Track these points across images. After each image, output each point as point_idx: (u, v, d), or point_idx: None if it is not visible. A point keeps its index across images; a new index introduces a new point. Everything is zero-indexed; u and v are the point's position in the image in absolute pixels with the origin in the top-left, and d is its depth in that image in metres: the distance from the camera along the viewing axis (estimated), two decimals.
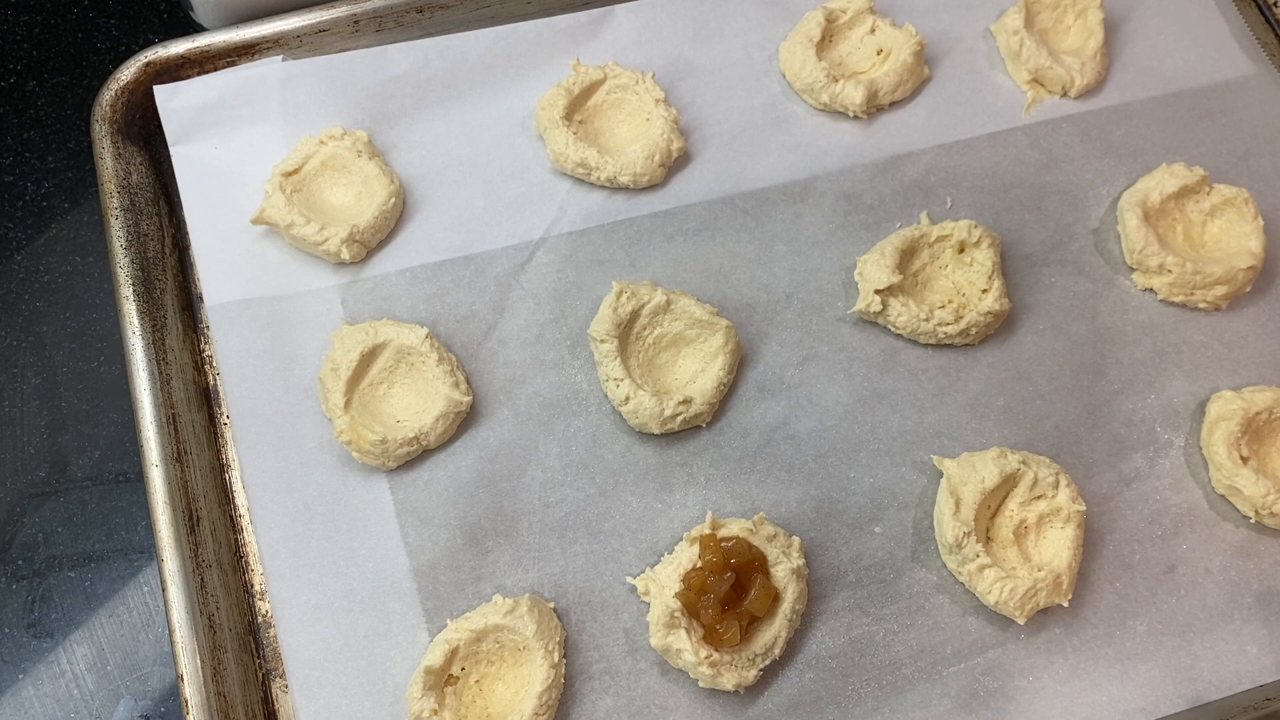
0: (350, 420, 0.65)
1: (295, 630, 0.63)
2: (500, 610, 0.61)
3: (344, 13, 0.78)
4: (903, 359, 0.72)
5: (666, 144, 0.75)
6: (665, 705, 0.62)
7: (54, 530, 0.71)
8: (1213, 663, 0.65)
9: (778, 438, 0.70)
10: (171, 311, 0.72)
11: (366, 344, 0.67)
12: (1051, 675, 0.64)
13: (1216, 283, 0.73)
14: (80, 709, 0.66)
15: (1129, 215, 0.76)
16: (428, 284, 0.72)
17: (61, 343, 0.76)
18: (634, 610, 0.65)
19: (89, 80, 0.84)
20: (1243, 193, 0.76)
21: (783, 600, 0.62)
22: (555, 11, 0.81)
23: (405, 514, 0.66)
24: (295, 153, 0.73)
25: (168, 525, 0.64)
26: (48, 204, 0.81)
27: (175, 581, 0.62)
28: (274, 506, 0.65)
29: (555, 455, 0.68)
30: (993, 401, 0.72)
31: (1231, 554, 0.68)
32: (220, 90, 0.75)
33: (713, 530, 0.63)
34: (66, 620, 0.68)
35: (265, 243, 0.72)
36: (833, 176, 0.77)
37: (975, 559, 0.63)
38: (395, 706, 0.61)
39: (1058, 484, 0.66)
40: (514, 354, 0.71)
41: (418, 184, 0.75)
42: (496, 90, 0.78)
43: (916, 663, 0.64)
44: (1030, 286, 0.75)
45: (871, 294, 0.71)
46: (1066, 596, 0.64)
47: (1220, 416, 0.70)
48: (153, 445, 0.66)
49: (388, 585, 0.64)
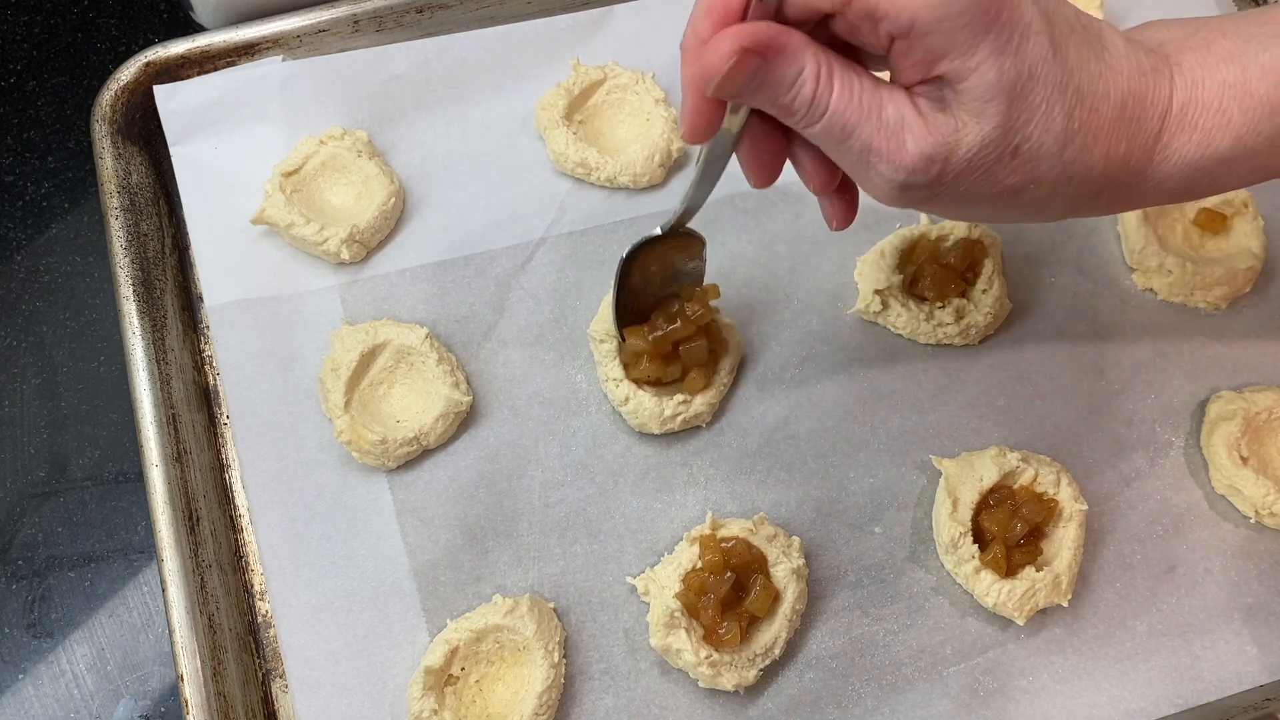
0: (350, 420, 0.65)
1: (295, 630, 0.63)
2: (500, 610, 0.61)
3: (344, 13, 0.78)
4: (903, 359, 0.72)
5: (666, 144, 0.75)
6: (665, 705, 0.62)
7: (54, 530, 0.71)
8: (1213, 663, 0.65)
9: (778, 438, 0.70)
10: (171, 311, 0.72)
11: (366, 344, 0.67)
12: (1051, 675, 0.64)
13: (1216, 283, 0.73)
14: (80, 709, 0.66)
15: (1129, 215, 0.76)
16: (428, 284, 0.72)
17: (61, 343, 0.76)
18: (634, 610, 0.65)
19: (89, 80, 0.84)
20: (1243, 193, 0.76)
21: (783, 600, 0.62)
22: (555, 11, 0.81)
23: (405, 514, 0.66)
24: (295, 153, 0.73)
25: (168, 525, 0.64)
26: (48, 204, 0.81)
27: (175, 581, 0.62)
28: (274, 506, 0.65)
29: (555, 455, 0.68)
30: (993, 401, 0.72)
31: (1231, 554, 0.68)
32: (220, 90, 0.75)
33: (713, 530, 0.63)
34: (66, 620, 0.68)
35: (265, 243, 0.72)
36: None
37: (972, 559, 0.63)
38: (395, 706, 0.61)
39: (1059, 483, 0.66)
40: (514, 354, 0.71)
41: (418, 184, 0.75)
42: (496, 90, 0.78)
43: (916, 663, 0.64)
44: (1030, 286, 0.75)
45: (871, 294, 0.71)
46: (1066, 596, 0.64)
47: (1220, 416, 0.70)
48: (153, 445, 0.66)
49: (388, 585, 0.64)
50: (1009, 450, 0.67)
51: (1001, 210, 0.48)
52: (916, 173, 0.44)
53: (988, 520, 0.65)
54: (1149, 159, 0.48)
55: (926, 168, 0.44)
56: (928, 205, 0.48)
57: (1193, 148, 0.48)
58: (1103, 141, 0.46)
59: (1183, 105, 0.48)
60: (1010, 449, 0.67)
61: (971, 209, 0.48)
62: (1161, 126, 0.48)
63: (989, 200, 0.47)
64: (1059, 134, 0.45)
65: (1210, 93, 0.48)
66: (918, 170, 0.44)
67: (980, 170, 0.45)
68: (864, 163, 0.45)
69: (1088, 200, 0.48)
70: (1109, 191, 0.49)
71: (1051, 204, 0.48)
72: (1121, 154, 0.47)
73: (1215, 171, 0.49)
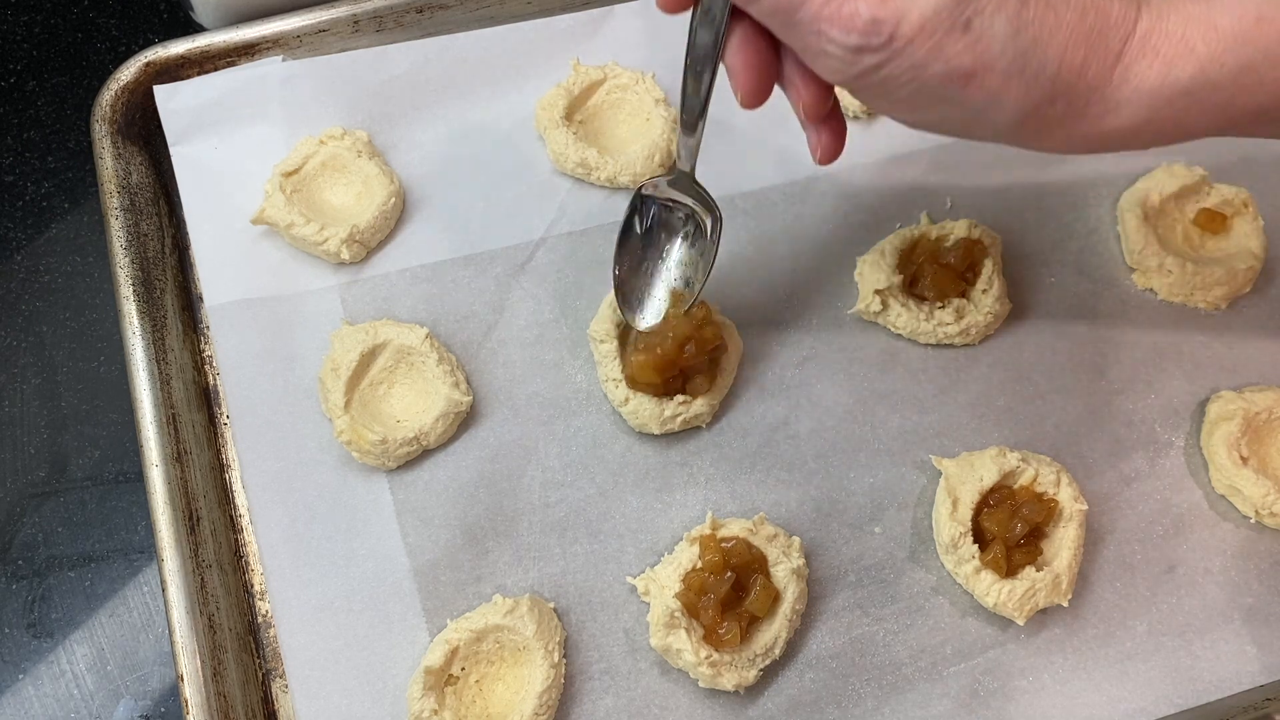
0: (350, 420, 0.65)
1: (295, 630, 0.63)
2: (500, 610, 0.61)
3: (344, 13, 0.78)
4: (903, 359, 0.73)
5: (666, 144, 0.75)
6: (665, 705, 0.62)
7: (54, 530, 0.71)
8: (1213, 663, 0.65)
9: (778, 438, 0.70)
10: (171, 311, 0.72)
11: (366, 344, 0.67)
12: (1051, 675, 0.64)
13: (1216, 283, 0.73)
14: (80, 709, 0.66)
15: (1129, 215, 0.76)
16: (428, 284, 0.72)
17: (61, 343, 0.76)
18: (634, 610, 0.65)
19: (89, 80, 0.84)
20: (1243, 193, 0.76)
21: (783, 600, 0.62)
22: (555, 11, 0.81)
23: (405, 514, 0.66)
24: (295, 153, 0.73)
25: (168, 525, 0.64)
26: (48, 204, 0.81)
27: (175, 581, 0.62)
28: (274, 506, 0.65)
29: (555, 455, 0.68)
30: (993, 401, 0.72)
31: (1231, 554, 0.68)
32: (220, 90, 0.75)
33: (713, 530, 0.63)
34: (66, 620, 0.68)
35: (265, 243, 0.72)
36: (832, 176, 0.77)
37: (972, 559, 0.63)
38: (395, 706, 0.61)
39: (1059, 483, 0.66)
40: (514, 354, 0.71)
41: (418, 184, 0.75)
42: (496, 90, 0.78)
43: (916, 663, 0.64)
44: (1030, 286, 0.75)
45: (871, 294, 0.71)
46: (1066, 596, 0.64)
47: (1220, 416, 0.70)
48: (153, 445, 0.66)
49: (388, 585, 0.64)
50: (1009, 450, 0.67)
51: (953, 108, 0.48)
52: (869, 34, 0.45)
53: (988, 520, 0.65)
54: (1107, 78, 0.48)
55: (878, 29, 0.45)
56: (881, 88, 0.48)
57: (1154, 74, 0.48)
58: (1059, 40, 0.47)
59: (1146, 32, 0.48)
60: (1010, 449, 0.67)
61: (923, 102, 0.48)
62: (1123, 48, 0.48)
63: (940, 85, 0.46)
64: (1012, 16, 0.45)
65: (1174, 23, 0.48)
66: (869, 33, 0.45)
67: (931, 42, 0.45)
68: (815, 31, 0.46)
69: (1041, 106, 0.48)
70: (1064, 100, 0.48)
71: (1003, 100, 0.47)
72: (1079, 62, 0.47)
73: (1178, 104, 0.49)
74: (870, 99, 0.50)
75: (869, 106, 0.52)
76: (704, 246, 0.66)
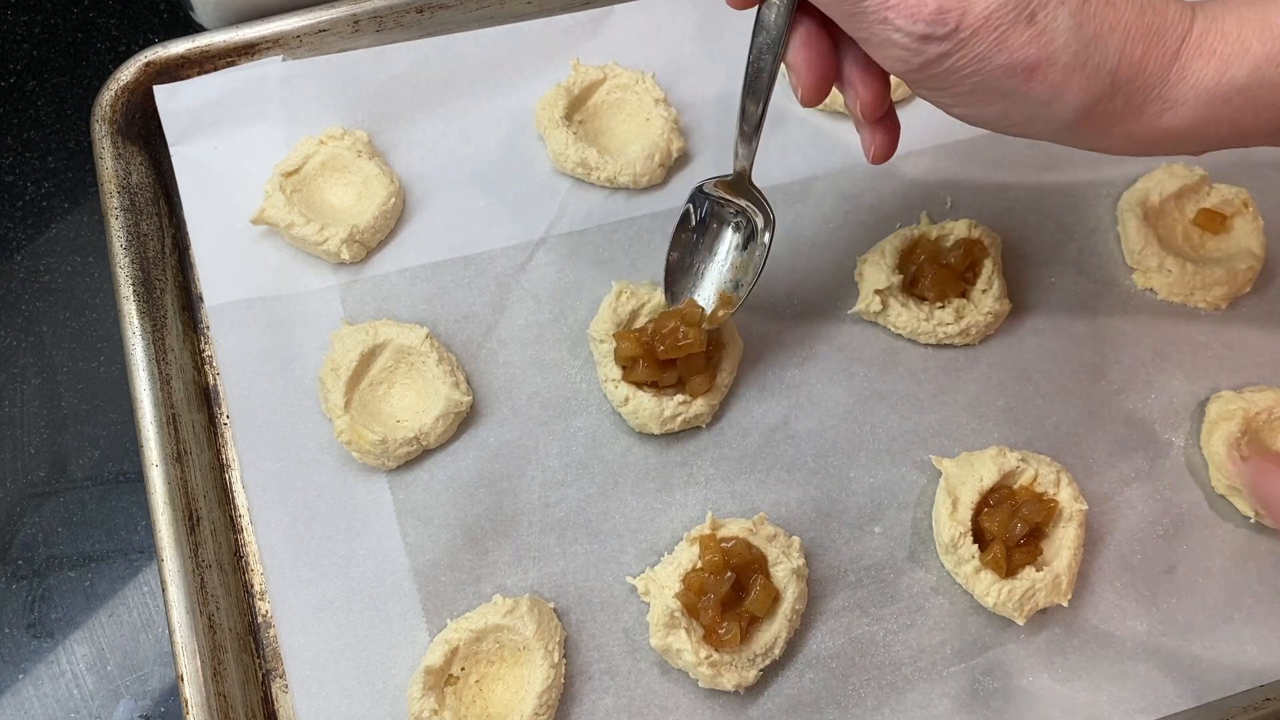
0: (350, 420, 0.65)
1: (295, 630, 0.63)
2: (500, 610, 0.61)
3: (344, 13, 0.78)
4: (903, 359, 0.73)
5: (666, 144, 0.75)
6: (665, 705, 0.62)
7: (54, 530, 0.71)
8: (1213, 663, 0.65)
9: (778, 438, 0.70)
10: (171, 311, 0.72)
11: (366, 344, 0.67)
12: (1051, 675, 0.64)
13: (1216, 283, 0.73)
14: (80, 709, 0.66)
15: (1129, 215, 0.76)
16: (428, 284, 0.72)
17: (61, 343, 0.76)
18: (634, 610, 0.65)
19: (89, 80, 0.84)
20: (1242, 193, 0.76)
21: (783, 600, 0.62)
22: (555, 11, 0.81)
23: (405, 514, 0.66)
24: (295, 153, 0.73)
25: (168, 525, 0.64)
26: (48, 204, 0.81)
27: (175, 581, 0.62)
28: (274, 506, 0.65)
29: (555, 455, 0.68)
30: (993, 401, 0.72)
31: (1231, 554, 0.68)
32: (220, 90, 0.75)
33: (713, 530, 0.63)
34: (66, 620, 0.68)
35: (265, 243, 0.72)
36: (832, 176, 0.77)
37: (972, 559, 0.63)
38: (395, 706, 0.61)
39: (1059, 483, 0.66)
40: (514, 354, 0.71)
41: (418, 184, 0.75)
42: (496, 90, 0.78)
43: (916, 663, 0.64)
44: (1030, 286, 0.75)
45: (871, 294, 0.71)
46: (1066, 596, 0.64)
47: (1220, 417, 0.70)
48: (153, 445, 0.66)
49: (388, 585, 0.64)
50: (1009, 450, 0.67)
51: (1014, 102, 0.48)
52: (935, 23, 0.45)
53: (988, 520, 0.65)
54: (1165, 75, 0.49)
55: (943, 19, 0.45)
56: (944, 79, 0.48)
57: (1210, 72, 0.49)
58: (1119, 36, 0.47)
59: (1202, 32, 0.49)
60: (1010, 449, 0.67)
61: (984, 96, 0.48)
62: (1180, 47, 0.49)
63: (1003, 77, 0.47)
64: (1074, 10, 0.46)
65: (1230, 24, 0.49)
66: (935, 22, 0.45)
67: (996, 33, 0.46)
68: (881, 20, 0.46)
69: (1101, 101, 0.48)
70: (1123, 96, 0.49)
71: (1064, 94, 0.48)
72: (1138, 57, 0.48)
73: (1235, 102, 0.49)
74: (932, 92, 0.50)
75: (930, 101, 0.52)
76: (754, 249, 0.66)
